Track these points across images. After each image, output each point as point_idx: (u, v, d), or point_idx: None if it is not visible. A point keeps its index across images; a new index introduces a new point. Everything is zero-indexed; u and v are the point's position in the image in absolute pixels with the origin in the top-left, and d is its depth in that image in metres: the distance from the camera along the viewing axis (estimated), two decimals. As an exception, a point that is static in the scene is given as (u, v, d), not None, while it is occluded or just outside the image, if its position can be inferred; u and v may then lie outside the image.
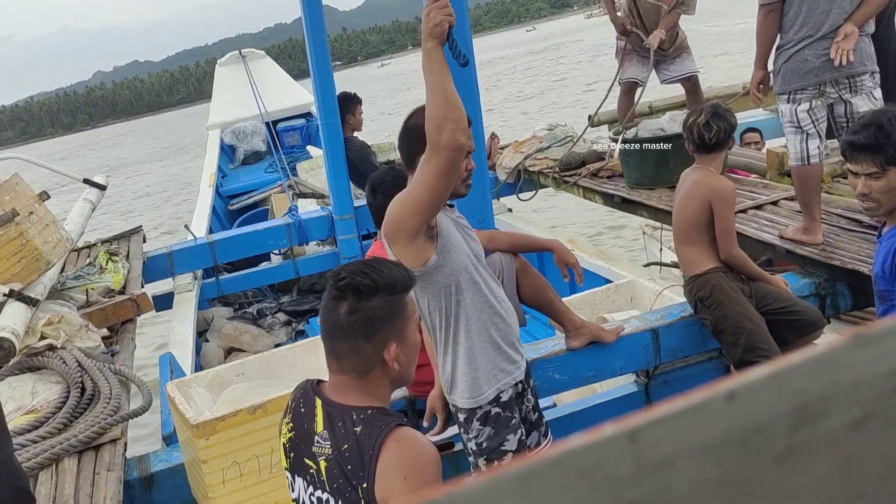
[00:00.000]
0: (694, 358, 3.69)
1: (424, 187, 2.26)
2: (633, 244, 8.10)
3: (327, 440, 1.81)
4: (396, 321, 1.82)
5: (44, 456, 2.95)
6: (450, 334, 2.49)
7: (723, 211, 3.32)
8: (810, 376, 0.36)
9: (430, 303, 2.48)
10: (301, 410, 1.91)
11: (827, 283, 3.78)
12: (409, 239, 2.36)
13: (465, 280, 2.46)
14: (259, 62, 10.96)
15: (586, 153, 6.27)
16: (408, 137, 2.50)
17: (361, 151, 6.37)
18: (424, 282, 2.43)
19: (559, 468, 0.34)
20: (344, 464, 1.76)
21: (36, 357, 3.62)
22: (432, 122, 2.20)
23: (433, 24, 2.23)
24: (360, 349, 1.81)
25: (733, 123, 3.36)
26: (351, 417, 1.79)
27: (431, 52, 2.24)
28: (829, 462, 0.36)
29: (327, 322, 1.83)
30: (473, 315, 2.48)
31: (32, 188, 4.52)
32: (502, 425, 2.53)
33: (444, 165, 2.22)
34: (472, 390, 2.51)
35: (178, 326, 5.52)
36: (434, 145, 2.21)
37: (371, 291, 1.79)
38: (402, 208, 2.33)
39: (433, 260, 2.40)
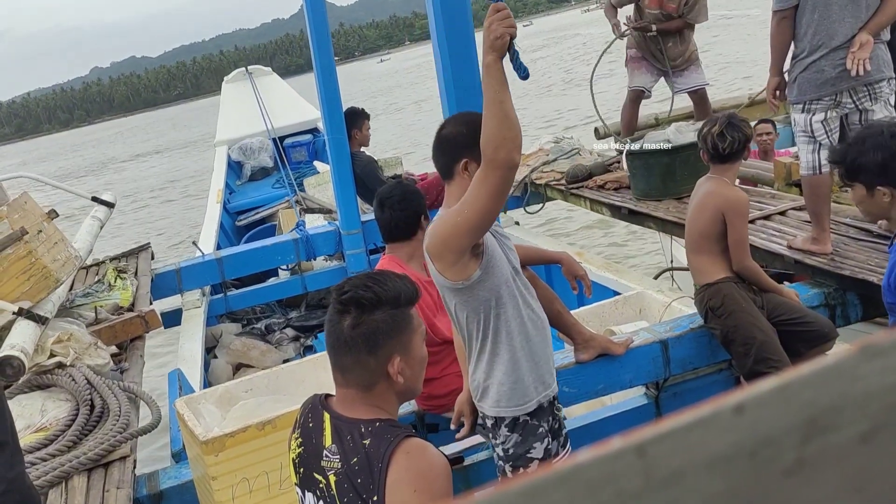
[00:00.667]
0: (704, 370, 3.67)
1: (477, 206, 2.22)
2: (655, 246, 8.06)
3: (336, 454, 1.81)
4: (401, 335, 1.82)
5: (53, 474, 2.95)
6: (487, 345, 2.48)
7: (736, 222, 3.31)
8: (819, 388, 0.36)
9: (469, 315, 2.47)
10: (309, 425, 1.91)
11: (837, 293, 3.77)
12: (456, 257, 2.35)
13: (505, 293, 2.45)
14: (265, 78, 11.02)
15: (593, 165, 6.27)
16: (442, 148, 2.47)
17: (368, 166, 6.39)
18: (465, 295, 2.43)
19: (566, 483, 0.33)
20: (354, 477, 1.75)
21: (45, 375, 3.63)
22: (491, 141, 2.15)
23: (494, 37, 2.16)
24: (364, 363, 1.80)
25: (748, 134, 3.36)
26: (359, 430, 1.79)
27: (492, 66, 2.17)
28: (839, 475, 0.35)
29: (331, 336, 1.84)
30: (515, 328, 2.48)
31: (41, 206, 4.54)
32: (529, 433, 2.54)
33: (498, 185, 2.18)
34: (509, 399, 2.51)
35: (186, 343, 5.53)
36: (490, 164, 2.16)
37: (374, 305, 1.79)
38: (453, 227, 2.30)
39: (476, 275, 2.39)
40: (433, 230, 2.39)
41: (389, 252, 3.33)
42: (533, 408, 2.53)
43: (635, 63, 6.18)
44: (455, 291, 2.44)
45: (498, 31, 2.16)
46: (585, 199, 6.02)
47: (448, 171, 2.45)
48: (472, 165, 2.38)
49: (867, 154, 2.48)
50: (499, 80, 2.16)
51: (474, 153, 2.37)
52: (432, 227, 2.41)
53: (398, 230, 3.28)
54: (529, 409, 2.52)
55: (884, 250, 3.87)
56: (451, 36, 3.02)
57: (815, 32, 3.76)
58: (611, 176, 6.05)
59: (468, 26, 3.07)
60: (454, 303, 2.48)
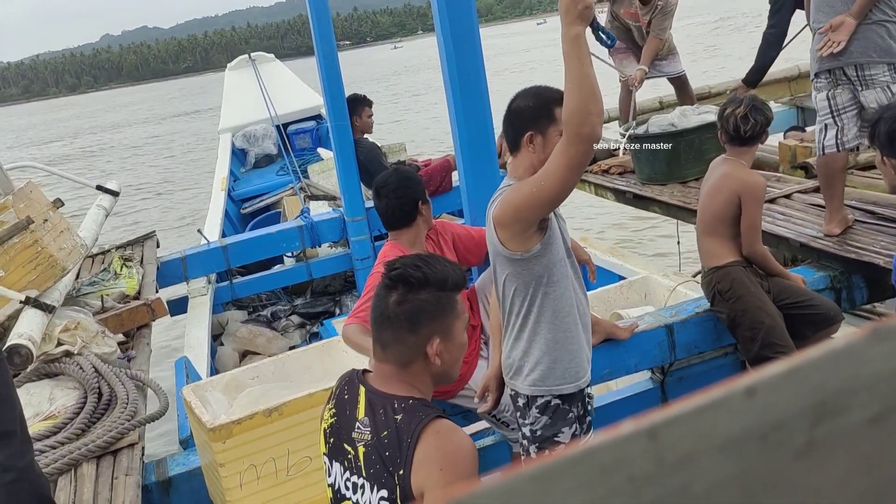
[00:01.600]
0: (709, 354, 3.67)
1: (555, 179, 2.20)
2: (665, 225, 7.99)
3: (367, 426, 1.84)
4: (443, 317, 1.84)
5: (62, 461, 2.97)
6: (529, 322, 2.48)
7: (751, 206, 3.29)
8: (829, 371, 0.36)
9: (518, 288, 2.46)
10: (345, 397, 1.94)
11: (842, 276, 3.76)
12: (525, 228, 2.35)
13: (558, 272, 2.45)
14: (268, 65, 10.99)
15: (597, 150, 6.25)
16: (510, 120, 2.47)
17: (372, 153, 6.38)
18: (519, 267, 2.43)
19: (579, 467, 0.34)
20: (382, 450, 1.78)
21: (53, 363, 3.64)
22: (576, 113, 2.11)
23: (583, 7, 2.08)
24: (404, 340, 1.83)
25: (770, 117, 3.35)
26: (392, 405, 1.81)
27: (579, 37, 2.10)
28: (850, 457, 0.35)
29: (376, 310, 1.87)
30: (563, 308, 2.47)
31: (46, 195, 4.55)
32: (559, 417, 2.54)
33: (579, 158, 2.16)
34: (545, 380, 2.50)
35: (192, 330, 5.54)
36: (574, 137, 2.12)
37: (421, 284, 1.82)
38: (527, 197, 2.29)
39: (536, 249, 2.39)
40: (505, 199, 2.37)
41: (392, 239, 3.33)
42: (569, 392, 2.53)
43: (622, 54, 6.23)
44: (510, 262, 2.43)
45: (587, 1, 2.09)
46: (590, 183, 6.01)
47: (514, 144, 2.46)
48: (536, 138, 2.39)
49: (881, 123, 2.49)
50: (585, 53, 2.11)
51: (539, 126, 2.39)
52: (504, 196, 2.39)
53: (396, 218, 3.28)
54: (565, 391, 2.52)
55: (889, 232, 3.86)
56: (455, 23, 3.00)
57: (816, 10, 3.76)
58: (615, 161, 6.03)
59: (471, 14, 3.06)
60: (505, 273, 2.47)
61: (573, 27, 2.10)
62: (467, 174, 3.22)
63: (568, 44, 2.12)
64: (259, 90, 10.03)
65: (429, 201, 3.36)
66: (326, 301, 6.87)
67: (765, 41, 5.45)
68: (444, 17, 2.99)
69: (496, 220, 2.41)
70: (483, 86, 3.09)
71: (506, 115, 2.51)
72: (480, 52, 3.07)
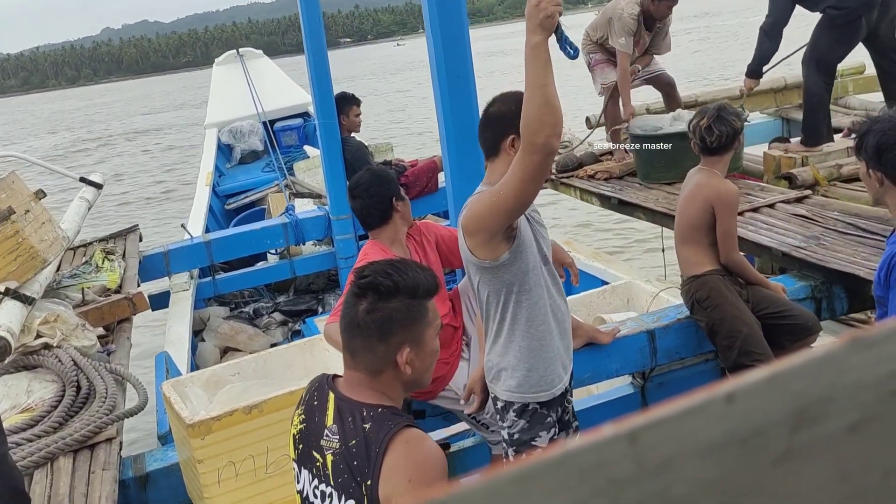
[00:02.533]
0: (690, 360, 3.69)
1: (513, 189, 2.22)
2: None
3: (336, 434, 1.81)
4: (413, 326, 1.81)
5: (39, 455, 2.94)
6: (504, 328, 2.49)
7: (725, 214, 3.33)
8: (809, 379, 0.36)
9: (490, 295, 2.48)
10: (314, 403, 1.91)
11: (823, 286, 3.79)
12: (489, 236, 2.37)
13: (531, 280, 2.46)
14: (256, 61, 10.95)
15: (583, 155, 6.27)
16: (490, 124, 2.47)
17: (358, 152, 6.37)
18: (489, 274, 2.44)
19: (559, 469, 0.34)
20: (350, 459, 1.76)
21: (31, 356, 3.61)
22: (530, 125, 2.12)
23: (545, 15, 2.06)
24: (374, 349, 1.80)
25: (737, 127, 3.36)
26: (361, 414, 1.79)
27: (539, 46, 2.08)
28: (828, 464, 0.36)
29: (346, 318, 1.84)
30: (537, 316, 2.48)
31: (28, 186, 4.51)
32: (536, 421, 2.55)
33: (535, 169, 2.17)
34: (520, 386, 2.51)
35: (174, 325, 5.52)
36: (529, 148, 2.14)
37: (391, 293, 1.78)
38: (489, 207, 2.31)
39: (504, 257, 2.40)
40: (470, 206, 2.40)
41: (373, 238, 3.33)
42: (545, 398, 2.53)
43: (603, 64, 6.25)
44: (480, 269, 2.45)
45: (549, 10, 2.06)
46: (575, 188, 6.03)
47: (494, 147, 2.46)
48: (518, 142, 2.37)
49: (869, 135, 2.50)
50: (544, 63, 2.10)
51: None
52: (470, 203, 2.41)
53: (372, 217, 3.28)
54: (541, 398, 2.53)
55: (870, 244, 3.89)
56: (445, 24, 3.00)
57: None
58: (601, 166, 6.05)
59: (461, 15, 3.06)
60: (478, 280, 2.49)
61: (533, 35, 2.09)
62: (454, 175, 3.22)
63: (527, 52, 2.11)
64: (246, 86, 10.00)
65: (405, 198, 3.36)
66: (309, 299, 6.85)
67: (761, 32, 5.48)
68: (434, 18, 2.99)
69: (463, 228, 2.43)
70: (472, 87, 3.09)
71: (484, 119, 2.51)
72: (469, 54, 3.07)
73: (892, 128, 2.45)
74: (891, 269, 2.46)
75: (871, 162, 2.50)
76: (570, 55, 2.31)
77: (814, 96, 5.33)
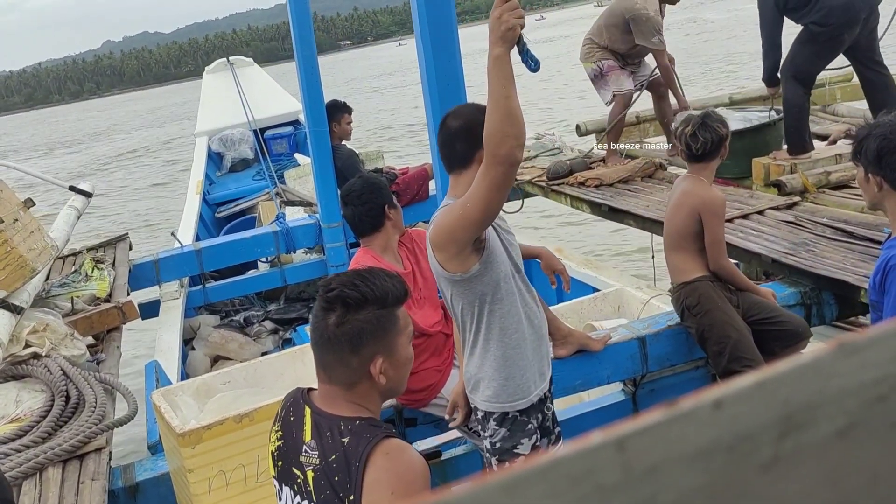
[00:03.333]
0: (681, 367, 3.70)
1: (478, 201, 2.22)
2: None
3: (315, 450, 1.79)
4: (385, 335, 1.79)
5: (28, 465, 2.92)
6: (479, 338, 2.50)
7: (712, 222, 3.34)
8: (796, 385, 0.36)
9: (464, 307, 2.49)
10: (290, 419, 1.89)
11: (813, 292, 3.80)
12: (458, 249, 2.37)
13: (503, 289, 2.46)
14: (247, 69, 10.95)
15: (574, 162, 6.29)
16: (461, 136, 2.44)
17: (349, 160, 6.37)
18: (461, 287, 2.45)
19: (546, 476, 0.34)
20: (331, 475, 1.74)
21: (20, 365, 3.59)
22: (493, 136, 2.13)
23: (506, 28, 2.09)
24: (347, 362, 1.78)
25: (722, 134, 3.37)
26: (339, 428, 1.77)
27: (501, 58, 2.10)
28: (816, 470, 0.36)
29: (316, 332, 1.82)
30: (511, 325, 2.49)
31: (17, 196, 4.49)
32: (517, 429, 2.55)
33: (499, 180, 2.17)
34: (499, 395, 2.52)
35: (164, 334, 5.49)
36: (492, 160, 2.15)
37: (360, 304, 1.76)
38: (456, 219, 2.31)
39: (475, 269, 2.41)
40: (438, 220, 2.40)
41: (364, 245, 3.33)
42: (523, 406, 2.53)
43: (617, 71, 6.24)
44: (452, 282, 2.45)
45: (510, 22, 2.09)
46: (566, 195, 6.04)
47: (466, 159, 2.44)
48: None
49: (869, 139, 2.51)
50: (506, 75, 2.11)
51: None
52: (437, 217, 2.42)
53: (363, 224, 3.28)
54: (519, 406, 2.53)
55: (859, 250, 3.91)
56: (434, 27, 3.00)
57: None
58: (591, 173, 6.07)
59: (451, 17, 3.05)
60: (450, 293, 2.50)
61: (495, 48, 2.10)
62: (444, 183, 3.21)
63: (489, 64, 2.12)
64: (237, 94, 9.99)
65: (397, 206, 3.36)
66: (300, 307, 6.84)
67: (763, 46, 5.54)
68: (423, 20, 2.98)
69: (432, 243, 2.43)
70: (462, 93, 3.09)
71: (452, 133, 2.46)
72: (459, 58, 3.07)
73: (893, 132, 2.46)
74: (886, 272, 2.47)
75: (871, 166, 2.50)
76: (532, 68, 2.31)
77: (794, 107, 5.36)
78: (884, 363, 0.37)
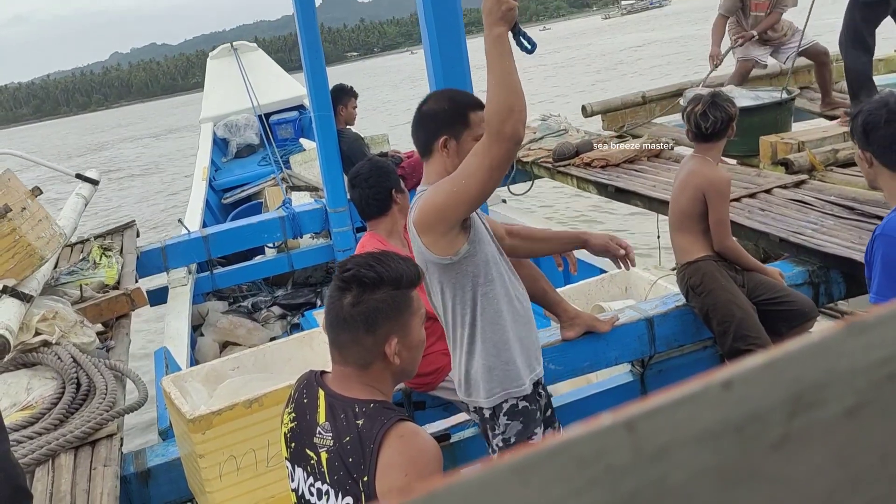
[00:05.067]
0: (689, 347, 3.69)
1: (477, 178, 2.20)
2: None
3: (329, 432, 1.81)
4: (400, 316, 1.80)
5: (40, 452, 2.94)
6: (476, 328, 2.45)
7: (717, 202, 3.33)
8: (806, 364, 0.36)
9: (456, 295, 2.43)
10: (304, 401, 1.91)
11: (820, 270, 3.79)
12: (447, 228, 2.34)
13: (494, 271, 2.43)
14: (251, 55, 10.91)
15: (580, 143, 6.27)
16: (423, 123, 2.43)
17: (355, 143, 6.36)
18: (452, 272, 2.41)
19: (557, 458, 0.34)
20: (345, 456, 1.75)
21: (31, 353, 3.61)
22: (498, 112, 2.13)
23: (507, 8, 2.15)
24: (362, 342, 1.79)
25: (731, 113, 3.36)
26: (353, 410, 1.78)
27: (502, 37, 2.16)
28: (825, 449, 0.36)
29: (331, 313, 1.83)
30: (504, 307, 2.45)
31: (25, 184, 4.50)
32: (530, 419, 2.51)
33: (501, 157, 2.17)
34: (503, 383, 2.47)
35: (172, 321, 5.51)
36: (496, 136, 2.14)
37: (375, 284, 1.78)
38: (448, 197, 2.27)
39: (464, 249, 2.37)
40: (424, 202, 2.35)
41: (370, 229, 3.33)
42: (529, 390, 2.50)
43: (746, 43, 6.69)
44: (442, 268, 2.41)
45: (510, 3, 2.16)
46: (572, 176, 6.03)
47: (427, 148, 2.42)
48: (451, 143, 2.37)
49: (859, 116, 2.50)
50: (508, 52, 2.16)
51: (454, 130, 2.36)
52: (423, 199, 2.37)
53: (371, 207, 3.28)
54: (526, 391, 2.50)
55: (868, 228, 3.89)
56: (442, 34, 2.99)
57: None
58: (597, 154, 6.05)
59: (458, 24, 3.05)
60: (441, 283, 2.45)
61: (496, 27, 2.16)
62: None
63: (490, 43, 2.16)
64: (241, 80, 9.97)
65: (404, 190, 3.35)
66: (308, 292, 6.86)
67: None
68: (431, 32, 2.98)
69: (418, 226, 2.38)
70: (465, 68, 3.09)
71: (417, 118, 2.45)
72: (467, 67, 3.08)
73: (878, 107, 2.44)
74: (873, 247, 2.46)
75: (861, 143, 2.50)
76: (528, 49, 2.34)
77: (859, 74, 5.42)
78: (892, 342, 0.37)
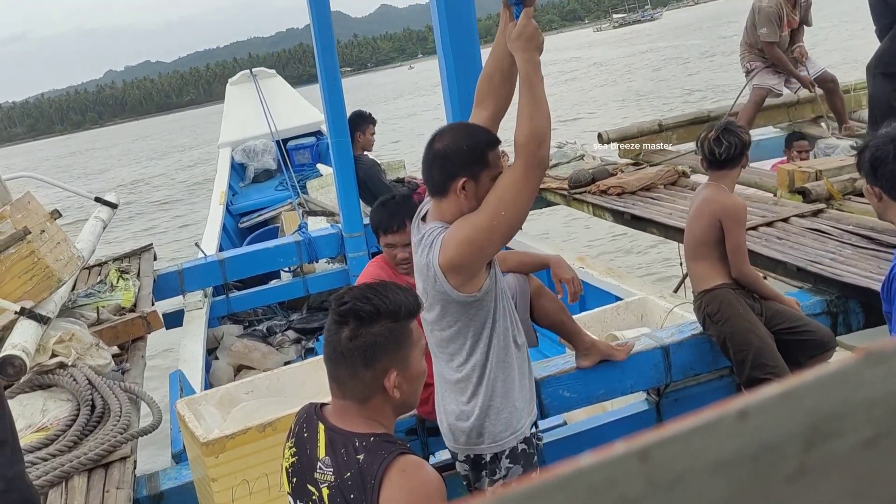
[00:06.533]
0: (705, 376, 3.66)
1: (517, 207, 2.17)
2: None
3: (329, 467, 1.78)
4: (399, 349, 1.77)
5: (54, 474, 2.95)
6: (486, 368, 2.36)
7: (733, 228, 3.31)
8: (822, 394, 0.36)
9: (473, 334, 2.33)
10: (304, 435, 1.88)
11: (839, 300, 3.76)
12: (482, 265, 2.27)
13: (503, 305, 2.37)
14: (270, 81, 11.04)
15: (595, 170, 6.27)
16: (440, 163, 2.29)
17: (371, 170, 6.39)
18: (473, 309, 2.31)
19: (569, 487, 0.33)
20: (347, 492, 1.73)
21: (47, 375, 3.63)
22: (536, 137, 2.15)
23: (542, 41, 2.29)
24: (360, 376, 1.76)
25: (745, 140, 3.35)
26: (353, 444, 1.75)
27: (539, 65, 2.27)
28: (842, 481, 0.35)
29: (328, 346, 1.80)
30: (511, 342, 2.40)
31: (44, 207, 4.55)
32: (528, 462, 2.46)
33: (537, 184, 2.20)
34: (507, 427, 2.40)
35: (188, 344, 5.53)
36: (533, 160, 2.14)
37: (373, 318, 1.74)
38: (487, 233, 2.19)
39: (486, 284, 2.30)
40: (455, 240, 2.23)
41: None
42: (528, 432, 2.45)
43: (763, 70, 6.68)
44: (464, 307, 2.31)
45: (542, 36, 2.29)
46: (588, 204, 6.02)
47: (442, 188, 2.29)
48: (469, 184, 2.25)
49: (867, 151, 2.49)
50: (542, 79, 2.25)
51: (473, 171, 2.25)
52: (449, 238, 2.24)
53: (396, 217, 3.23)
54: (526, 433, 2.44)
55: (887, 258, 3.86)
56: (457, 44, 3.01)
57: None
58: (613, 181, 6.04)
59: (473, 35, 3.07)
60: (457, 324, 2.34)
61: (535, 54, 2.28)
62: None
63: (530, 70, 2.25)
64: (259, 105, 10.07)
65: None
66: (322, 317, 6.85)
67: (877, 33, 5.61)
68: (445, 38, 3.00)
69: (447, 267, 2.24)
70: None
71: (432, 157, 2.31)
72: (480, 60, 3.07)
73: (885, 142, 2.43)
74: (891, 281, 2.44)
75: (869, 178, 2.48)
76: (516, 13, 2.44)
77: (882, 103, 5.37)
78: (911, 373, 0.36)
